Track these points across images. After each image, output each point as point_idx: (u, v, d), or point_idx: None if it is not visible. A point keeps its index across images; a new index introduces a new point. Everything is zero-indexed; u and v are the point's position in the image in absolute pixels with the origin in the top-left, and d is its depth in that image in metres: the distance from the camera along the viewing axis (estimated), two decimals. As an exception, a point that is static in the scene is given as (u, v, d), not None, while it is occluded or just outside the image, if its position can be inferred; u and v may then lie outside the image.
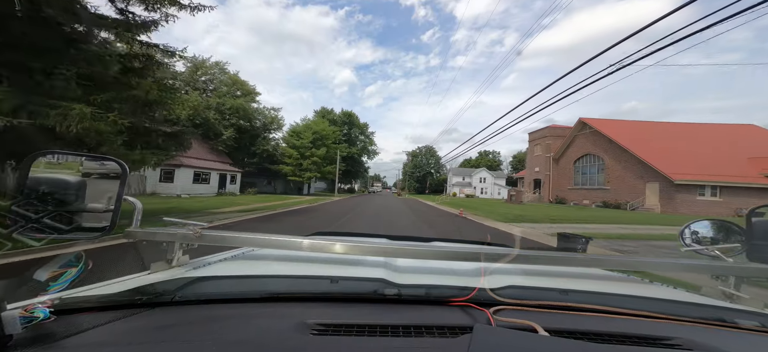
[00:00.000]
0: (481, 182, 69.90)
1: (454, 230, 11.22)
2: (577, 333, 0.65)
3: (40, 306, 0.60)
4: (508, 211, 19.54)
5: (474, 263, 1.06)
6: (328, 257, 1.07)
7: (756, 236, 1.13)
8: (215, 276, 0.89)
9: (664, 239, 10.01)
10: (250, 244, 1.06)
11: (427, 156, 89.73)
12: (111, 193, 0.92)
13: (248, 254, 1.27)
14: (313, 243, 0.95)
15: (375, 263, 1.05)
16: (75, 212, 0.86)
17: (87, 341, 0.57)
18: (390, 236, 1.55)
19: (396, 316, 0.69)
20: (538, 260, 1.02)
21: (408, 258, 1.10)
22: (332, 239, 1.01)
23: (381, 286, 0.78)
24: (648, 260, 1.06)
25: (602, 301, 0.78)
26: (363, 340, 0.60)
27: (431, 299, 0.78)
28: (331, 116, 57.00)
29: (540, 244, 7.45)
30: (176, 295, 0.72)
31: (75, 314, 0.67)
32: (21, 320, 0.54)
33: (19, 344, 0.52)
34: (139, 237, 0.96)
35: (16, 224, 0.76)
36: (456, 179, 72.57)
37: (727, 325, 0.73)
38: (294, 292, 0.79)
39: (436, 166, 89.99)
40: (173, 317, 0.68)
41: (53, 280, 0.76)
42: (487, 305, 0.72)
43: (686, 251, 1.25)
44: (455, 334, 0.62)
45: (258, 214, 13.59)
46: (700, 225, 1.33)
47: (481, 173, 71.84)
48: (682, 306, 0.82)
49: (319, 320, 0.64)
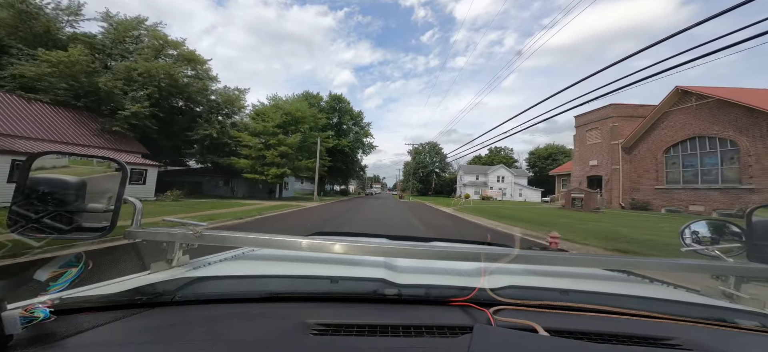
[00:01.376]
0: (499, 181, 59.16)
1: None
2: (578, 333, 0.65)
3: (40, 306, 0.60)
4: (615, 229, 11.68)
5: (474, 263, 1.06)
6: (328, 257, 1.07)
7: (756, 236, 1.13)
8: (215, 276, 0.89)
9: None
10: (250, 244, 1.06)
11: (432, 154, 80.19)
12: (111, 193, 0.92)
13: (248, 254, 1.27)
14: (313, 243, 0.95)
15: (375, 263, 1.05)
16: (75, 212, 0.86)
17: (87, 341, 0.57)
18: (390, 236, 1.55)
19: (396, 316, 0.69)
20: (539, 259, 1.01)
21: (408, 258, 1.10)
22: (332, 238, 1.01)
23: (381, 286, 0.78)
24: (648, 260, 1.06)
25: (602, 301, 0.78)
26: (363, 340, 0.60)
27: (431, 299, 0.78)
28: (315, 100, 45.13)
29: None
30: (176, 295, 0.72)
31: (75, 314, 0.67)
32: (21, 320, 0.54)
33: (20, 344, 0.52)
34: (139, 237, 0.96)
35: (17, 224, 0.76)
36: (468, 178, 60.35)
37: (728, 325, 0.73)
38: (294, 292, 0.79)
39: (441, 164, 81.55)
40: (173, 317, 0.68)
41: (53, 280, 0.77)
42: (487, 305, 0.72)
43: (686, 251, 1.25)
44: (455, 334, 0.62)
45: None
46: (700, 225, 1.33)
47: (498, 171, 60.64)
48: (683, 306, 0.82)
49: (319, 320, 0.65)
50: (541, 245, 7.75)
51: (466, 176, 61.28)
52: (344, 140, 44.66)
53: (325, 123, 40.60)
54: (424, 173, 78.49)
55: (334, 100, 48.57)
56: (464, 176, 61.53)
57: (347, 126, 49.15)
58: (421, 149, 76.43)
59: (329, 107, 47.24)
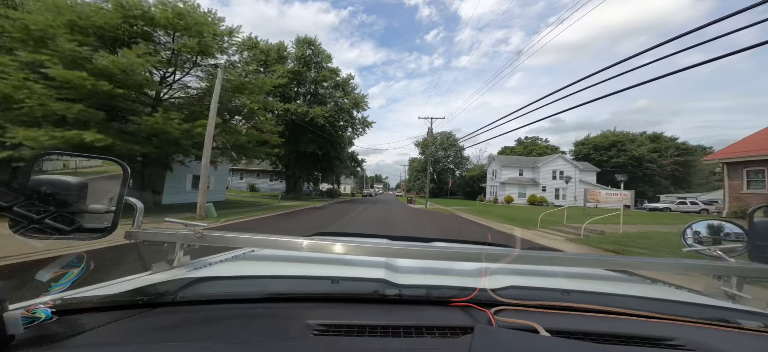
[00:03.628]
0: (556, 178, 40.94)
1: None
2: (579, 333, 0.65)
3: (41, 306, 0.60)
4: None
5: (475, 264, 1.06)
6: (329, 258, 1.07)
7: (758, 237, 1.12)
8: (216, 277, 0.89)
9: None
10: (250, 244, 1.06)
11: (445, 145, 61.74)
12: (112, 193, 0.92)
13: (249, 255, 1.27)
14: (313, 243, 0.95)
15: (375, 263, 1.05)
16: (76, 212, 0.87)
17: (88, 342, 0.57)
18: (390, 237, 1.55)
19: (397, 316, 0.69)
20: (539, 260, 1.01)
21: (409, 258, 1.10)
22: (333, 239, 1.01)
23: (382, 286, 0.78)
24: (649, 261, 1.06)
25: (603, 301, 0.78)
26: (364, 340, 0.60)
27: (432, 300, 0.78)
28: (267, 48, 27.92)
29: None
30: (177, 295, 0.73)
31: (76, 315, 0.67)
32: (23, 321, 0.54)
33: (21, 345, 0.52)
34: (140, 238, 0.97)
35: (19, 225, 0.76)
36: (507, 174, 42.67)
37: (730, 325, 0.73)
38: (295, 292, 0.79)
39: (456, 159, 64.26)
40: (174, 317, 0.68)
41: (55, 280, 0.77)
42: (488, 306, 0.72)
43: (688, 251, 1.24)
44: (456, 334, 0.62)
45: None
46: (702, 225, 1.32)
47: (554, 164, 42.30)
48: (684, 306, 0.82)
49: (320, 320, 0.64)
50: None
51: (505, 170, 43.08)
52: (318, 108, 26.60)
53: (284, 81, 25.71)
54: (439, 169, 60.42)
55: (304, 45, 29.03)
56: (502, 172, 43.15)
57: (326, 91, 30.62)
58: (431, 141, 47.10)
59: (297, 58, 28.82)
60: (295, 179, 31.44)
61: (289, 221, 13.26)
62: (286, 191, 30.76)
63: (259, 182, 42.07)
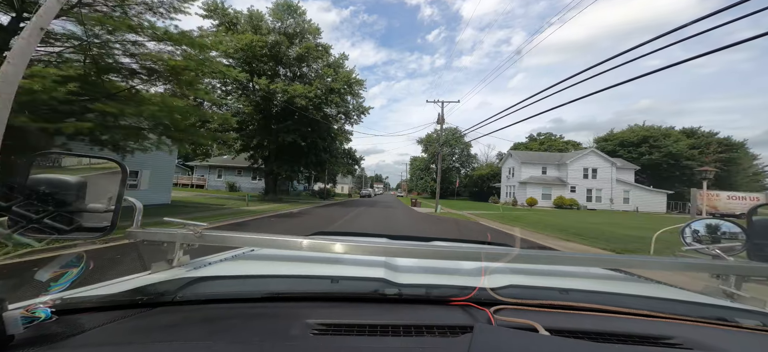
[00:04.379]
0: (588, 176, 35.42)
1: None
2: (578, 332, 0.65)
3: (41, 306, 0.60)
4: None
5: (474, 263, 1.06)
6: (329, 257, 1.07)
7: (757, 235, 1.13)
8: (216, 276, 0.89)
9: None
10: (250, 244, 1.06)
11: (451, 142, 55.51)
12: (111, 193, 0.92)
13: (249, 254, 1.27)
14: (313, 243, 0.95)
15: (375, 262, 1.05)
16: (75, 212, 0.86)
17: (88, 341, 0.57)
18: (390, 236, 1.55)
19: (396, 316, 0.69)
20: (539, 259, 1.01)
21: (408, 258, 1.10)
22: (333, 238, 1.01)
23: (381, 286, 0.78)
24: (648, 260, 1.06)
25: (603, 300, 0.78)
26: (364, 340, 0.60)
27: (432, 299, 0.78)
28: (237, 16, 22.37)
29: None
30: (177, 295, 0.72)
31: (76, 314, 0.67)
32: (22, 320, 0.54)
33: (21, 344, 0.52)
34: (139, 237, 0.97)
35: (17, 225, 0.76)
36: (528, 173, 37.25)
37: (728, 324, 0.73)
38: (295, 292, 0.79)
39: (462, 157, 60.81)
40: (174, 317, 0.68)
41: (54, 280, 0.77)
42: (487, 305, 0.72)
43: (687, 250, 1.25)
44: (456, 334, 0.62)
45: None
46: (700, 224, 1.33)
47: (585, 160, 36.15)
48: (683, 305, 0.82)
49: (319, 319, 0.65)
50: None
51: (525, 168, 37.46)
52: (299, 86, 21.27)
53: (244, 44, 19.92)
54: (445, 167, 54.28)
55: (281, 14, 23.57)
56: (522, 170, 37.43)
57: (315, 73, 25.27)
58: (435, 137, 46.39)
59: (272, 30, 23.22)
60: (274, 177, 25.25)
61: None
62: (266, 191, 25.58)
63: (241, 179, 36.61)
